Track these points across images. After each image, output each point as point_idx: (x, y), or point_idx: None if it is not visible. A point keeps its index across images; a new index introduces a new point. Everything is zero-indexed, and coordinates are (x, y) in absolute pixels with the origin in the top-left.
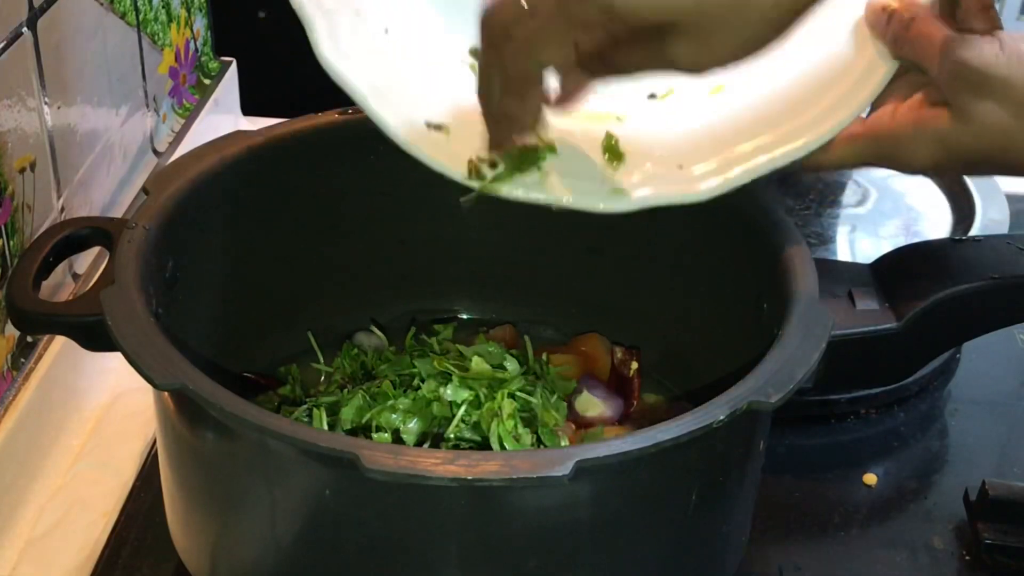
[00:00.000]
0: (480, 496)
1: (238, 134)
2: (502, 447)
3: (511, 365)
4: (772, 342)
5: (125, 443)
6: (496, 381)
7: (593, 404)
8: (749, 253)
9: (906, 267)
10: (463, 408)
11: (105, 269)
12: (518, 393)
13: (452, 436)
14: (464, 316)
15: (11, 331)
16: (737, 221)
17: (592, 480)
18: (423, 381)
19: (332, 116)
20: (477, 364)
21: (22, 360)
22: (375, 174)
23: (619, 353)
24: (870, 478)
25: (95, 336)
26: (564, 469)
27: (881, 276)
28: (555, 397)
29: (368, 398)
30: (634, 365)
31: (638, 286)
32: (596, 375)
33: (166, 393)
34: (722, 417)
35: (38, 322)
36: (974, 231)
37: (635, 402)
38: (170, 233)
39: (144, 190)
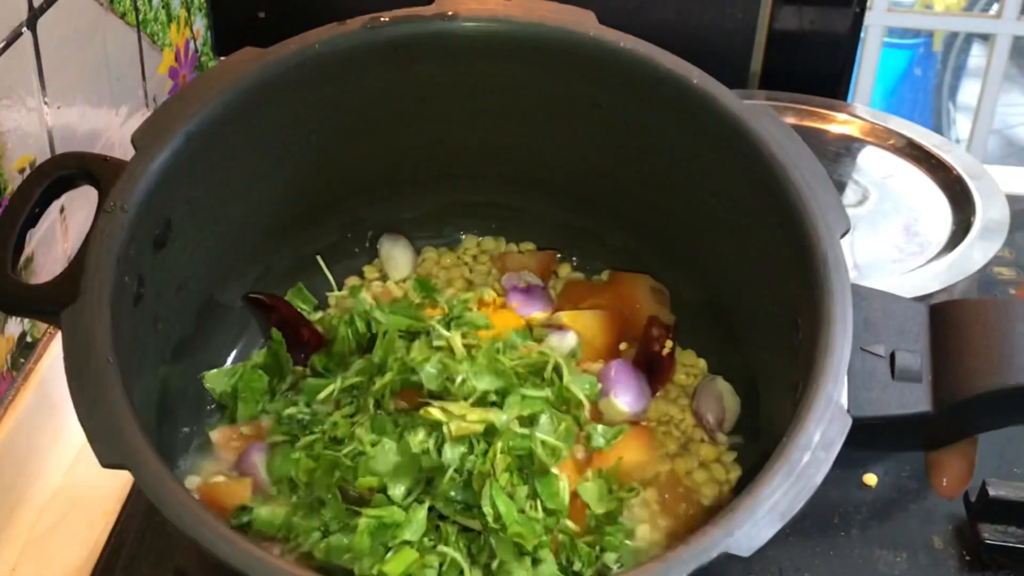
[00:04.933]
0: None
1: (248, 53)
2: (494, 510)
3: (498, 419)
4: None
5: None
6: (492, 427)
7: (616, 410)
8: (795, 272)
9: (966, 333)
10: (456, 461)
11: (73, 266)
12: (519, 434)
13: (444, 492)
14: (503, 211)
15: (11, 331)
16: (793, 236)
17: None
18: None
19: (356, 25)
20: (458, 427)
21: (22, 360)
22: (408, 82)
23: (653, 330)
24: (870, 478)
25: None
26: None
27: (936, 331)
28: (562, 424)
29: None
30: (668, 344)
31: (686, 226)
32: (629, 325)
33: None
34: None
35: (13, 306)
36: (974, 231)
37: (667, 383)
38: (158, 194)
39: (132, 143)
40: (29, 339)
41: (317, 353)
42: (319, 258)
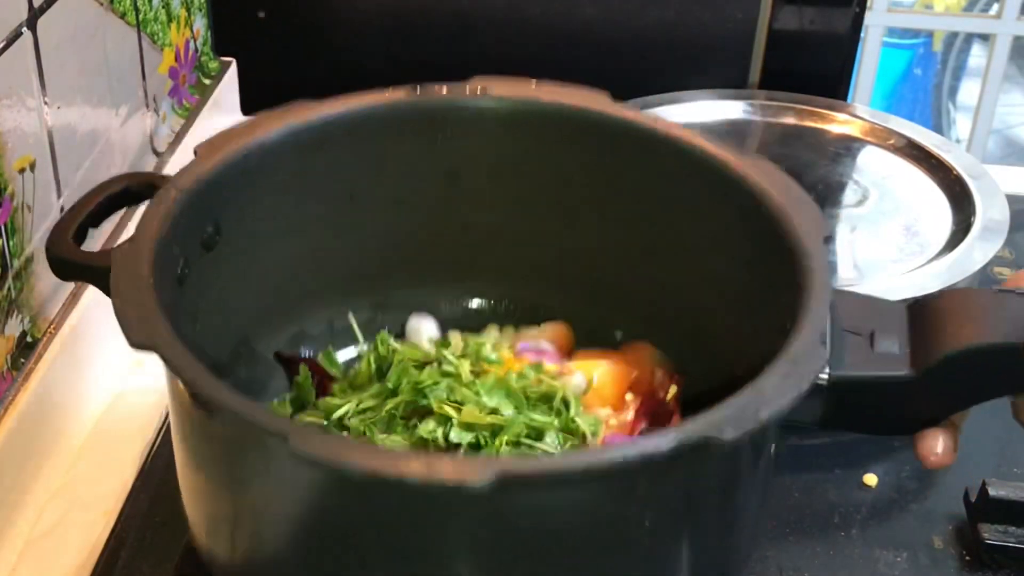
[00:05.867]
0: (406, 494)
1: (299, 104)
2: None
3: (507, 410)
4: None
5: (125, 443)
6: (497, 427)
7: None
8: (783, 282)
9: (940, 314)
10: (461, 451)
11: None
12: (523, 440)
13: None
14: (525, 306)
15: (11, 331)
16: (777, 247)
17: (518, 495)
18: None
19: (398, 94)
20: (468, 413)
21: (22, 360)
22: (439, 155)
23: (659, 375)
24: (870, 478)
25: None
26: (482, 478)
27: (915, 319)
28: (568, 443)
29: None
30: (672, 390)
31: (683, 293)
32: (636, 382)
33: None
34: (666, 449)
35: (65, 267)
36: (974, 231)
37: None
38: (212, 195)
39: (194, 152)
40: (29, 339)
41: (338, 383)
42: (350, 314)
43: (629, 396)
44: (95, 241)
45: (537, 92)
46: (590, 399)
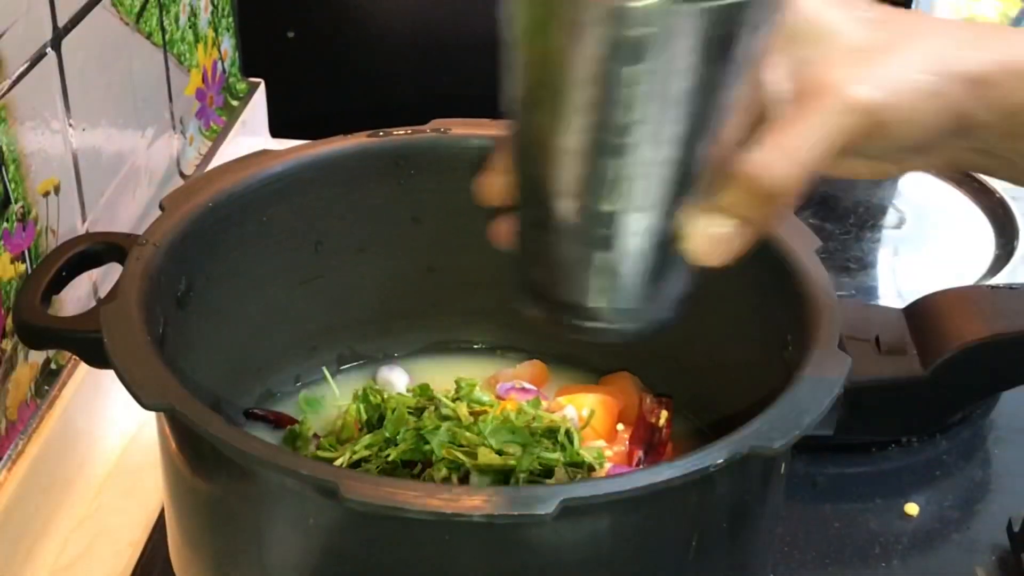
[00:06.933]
0: (462, 532)
1: (264, 153)
2: None
3: (516, 449)
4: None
5: (150, 472)
6: (508, 468)
7: None
8: (777, 295)
9: (939, 313)
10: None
11: (113, 287)
12: (535, 478)
13: None
14: (494, 348)
15: (35, 358)
16: (767, 262)
17: (579, 520)
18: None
19: (361, 138)
20: (484, 455)
21: (46, 387)
22: (404, 198)
23: (648, 401)
24: (912, 508)
25: (98, 353)
26: (547, 507)
27: (913, 321)
28: (577, 476)
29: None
30: (664, 415)
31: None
32: (624, 412)
33: (164, 416)
34: (720, 461)
35: (42, 336)
36: (1017, 255)
37: (665, 453)
38: (184, 250)
39: (160, 206)
40: (53, 366)
41: (324, 437)
42: (324, 369)
43: (620, 427)
44: None
45: (496, 130)
46: (584, 433)
